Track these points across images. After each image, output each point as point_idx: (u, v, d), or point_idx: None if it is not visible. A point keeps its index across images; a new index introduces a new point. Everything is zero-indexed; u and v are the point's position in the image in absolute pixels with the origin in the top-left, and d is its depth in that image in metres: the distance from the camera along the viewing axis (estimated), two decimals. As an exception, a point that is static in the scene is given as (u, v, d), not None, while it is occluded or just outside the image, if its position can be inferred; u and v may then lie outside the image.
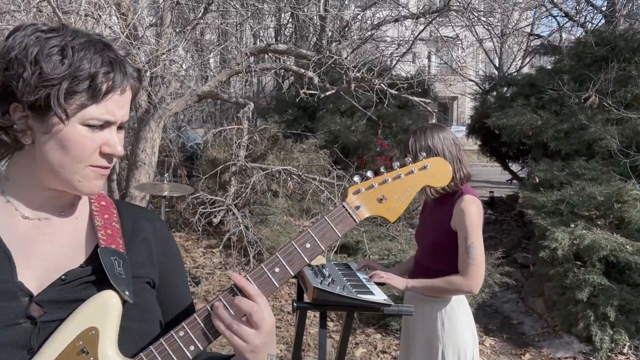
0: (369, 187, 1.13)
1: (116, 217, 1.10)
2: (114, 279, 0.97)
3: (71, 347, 0.92)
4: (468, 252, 2.43)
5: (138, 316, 1.02)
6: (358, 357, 4.04)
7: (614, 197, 5.49)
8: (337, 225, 1.07)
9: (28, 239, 1.01)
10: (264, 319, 0.98)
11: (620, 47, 7.41)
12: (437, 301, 2.57)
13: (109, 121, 0.98)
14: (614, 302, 4.70)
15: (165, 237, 1.17)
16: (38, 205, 1.03)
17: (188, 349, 0.98)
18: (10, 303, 0.93)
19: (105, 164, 1.01)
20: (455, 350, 2.54)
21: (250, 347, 0.97)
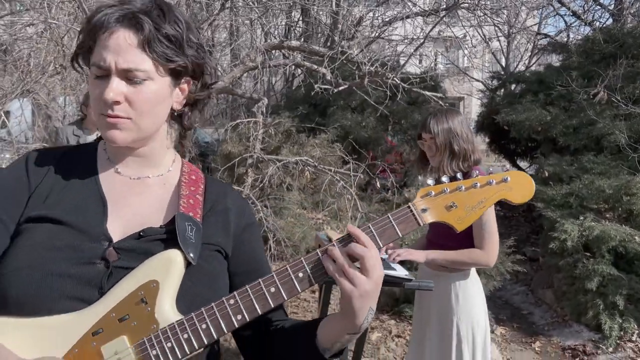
0: (439, 192, 1.09)
1: (202, 191, 1.19)
2: (182, 241, 1.05)
3: (133, 296, 1.01)
4: (484, 229, 2.54)
5: (204, 280, 1.08)
6: (374, 340, 4.16)
7: (623, 190, 5.58)
8: (399, 224, 1.06)
9: (122, 193, 1.13)
10: (375, 267, 0.99)
11: (628, 44, 7.50)
12: (451, 276, 2.68)
13: (100, 66, 1.03)
14: (623, 291, 4.80)
15: (242, 209, 1.23)
16: (127, 164, 1.15)
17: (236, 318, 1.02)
18: (92, 244, 1.05)
19: (107, 112, 1.05)
20: (469, 323, 2.66)
21: (359, 291, 0.98)
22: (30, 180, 1.10)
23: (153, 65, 1.05)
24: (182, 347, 0.99)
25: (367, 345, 4.09)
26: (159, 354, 0.99)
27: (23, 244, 1.04)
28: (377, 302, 1.05)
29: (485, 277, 4.78)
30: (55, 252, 1.02)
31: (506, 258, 5.02)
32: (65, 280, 1.01)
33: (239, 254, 1.18)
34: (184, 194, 1.15)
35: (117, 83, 1.03)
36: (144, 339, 1.00)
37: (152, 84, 1.06)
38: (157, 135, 1.15)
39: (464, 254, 2.60)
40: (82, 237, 1.05)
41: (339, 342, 1.06)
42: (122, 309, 1.00)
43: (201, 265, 1.07)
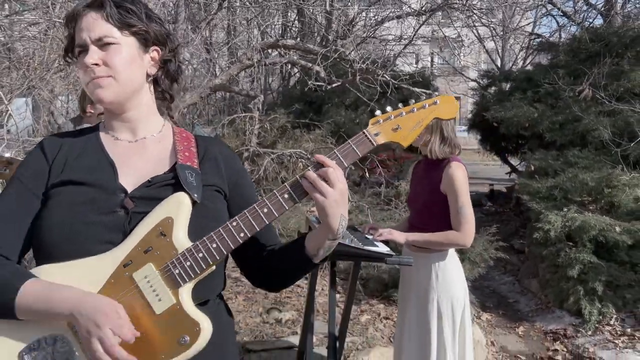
0: (386, 118, 1.34)
1: (194, 145, 1.44)
2: (186, 185, 1.30)
3: (154, 230, 1.25)
4: (460, 212, 2.76)
5: (209, 216, 1.32)
6: (363, 321, 4.38)
7: (604, 183, 5.82)
8: (357, 146, 1.31)
9: (125, 155, 1.38)
10: (338, 179, 1.24)
11: (613, 43, 7.74)
12: (431, 256, 2.89)
13: (79, 44, 1.31)
14: (602, 278, 5.02)
15: (230, 157, 1.48)
16: (119, 131, 1.41)
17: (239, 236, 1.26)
18: (111, 196, 1.30)
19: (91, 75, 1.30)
20: (449, 299, 2.87)
21: (329, 200, 1.23)
22: (47, 157, 1.34)
23: (117, 31, 1.31)
24: (199, 263, 1.24)
25: (357, 325, 4.32)
26: (181, 271, 1.23)
27: (53, 205, 1.28)
28: (367, 288, 1.30)
29: (470, 263, 5.01)
30: (81, 207, 1.27)
31: (490, 245, 5.25)
32: (93, 227, 1.25)
33: (235, 197, 1.42)
34: (179, 149, 1.40)
35: (93, 51, 1.30)
36: (167, 262, 1.24)
37: (120, 47, 1.32)
38: (139, 100, 1.39)
39: (442, 236, 2.82)
40: (100, 192, 1.29)
41: (322, 249, 1.32)
42: (146, 243, 1.24)
43: (205, 204, 1.31)
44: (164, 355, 1.20)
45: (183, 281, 1.23)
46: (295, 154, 5.52)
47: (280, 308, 4.52)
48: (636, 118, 6.52)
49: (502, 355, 4.64)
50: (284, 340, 4.03)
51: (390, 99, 6.98)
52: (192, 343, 1.21)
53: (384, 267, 4.88)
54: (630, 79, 7.06)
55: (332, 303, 3.03)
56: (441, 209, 2.82)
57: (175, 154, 1.39)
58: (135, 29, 1.34)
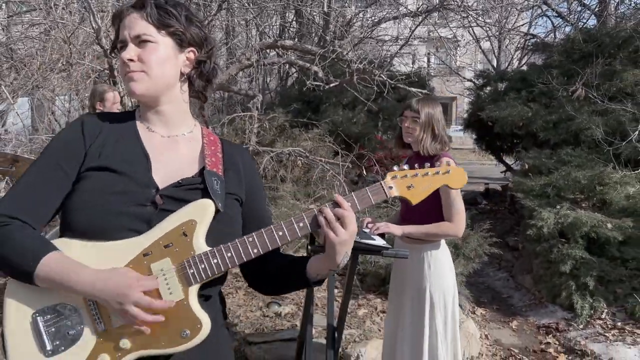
0: (403, 175, 1.47)
1: (220, 150, 1.54)
2: (213, 193, 1.40)
3: (177, 229, 1.36)
4: (452, 205, 2.88)
5: (226, 222, 1.42)
6: (360, 315, 4.50)
7: (596, 181, 5.95)
8: (373, 195, 1.43)
9: (159, 149, 1.47)
10: (351, 222, 1.36)
11: (605, 44, 7.86)
12: (424, 248, 3.01)
13: (123, 40, 1.42)
14: (594, 273, 5.15)
15: (251, 167, 1.59)
16: (155, 125, 1.49)
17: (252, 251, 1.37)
18: (143, 189, 1.39)
19: (126, 70, 1.41)
20: (441, 289, 2.99)
21: (339, 240, 1.34)
22: (86, 139, 1.43)
23: (155, 30, 1.41)
24: (212, 268, 1.35)
25: (354, 319, 4.43)
26: (195, 272, 1.34)
27: (87, 188, 1.37)
28: (365, 283, 1.41)
29: (465, 259, 5.12)
30: (114, 196, 1.36)
31: (484, 241, 5.36)
32: (122, 217, 1.35)
33: (248, 203, 1.53)
34: (207, 153, 1.49)
35: (130, 47, 1.41)
36: (184, 261, 1.34)
37: (156, 45, 1.42)
38: (172, 96, 1.48)
39: (436, 227, 2.94)
40: (134, 184, 1.38)
41: (321, 275, 1.46)
42: (168, 239, 1.35)
43: (225, 211, 1.42)
44: (164, 342, 1.32)
45: (195, 281, 1.34)
46: (294, 152, 5.63)
47: (279, 302, 4.63)
48: (628, 117, 6.63)
49: (496, 348, 4.75)
50: (283, 332, 4.15)
51: (387, 98, 7.12)
52: (192, 337, 1.32)
53: (381, 262, 4.99)
54: (622, 79, 7.17)
55: (330, 295, 3.14)
56: (431, 202, 2.92)
57: (204, 157, 1.48)
58: (173, 29, 1.43)
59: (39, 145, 6.24)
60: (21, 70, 6.00)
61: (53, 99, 6.54)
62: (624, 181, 5.90)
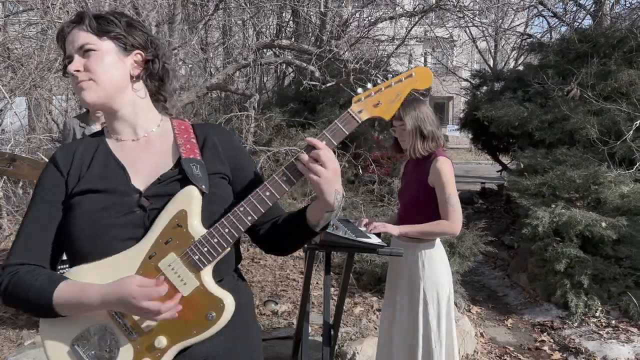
0: (367, 95, 1.43)
1: (193, 135, 1.56)
2: (193, 178, 1.42)
3: (171, 223, 1.39)
4: (448, 202, 2.91)
5: (218, 202, 1.45)
6: (357, 313, 4.53)
7: (591, 180, 5.98)
8: (344, 125, 1.41)
9: (132, 155, 1.50)
10: (329, 159, 1.35)
11: (600, 44, 7.91)
12: (419, 246, 3.03)
13: (67, 57, 1.46)
14: (588, 271, 5.19)
15: (230, 139, 1.60)
16: (120, 132, 1.53)
17: (247, 219, 1.39)
18: (126, 198, 1.42)
19: (75, 82, 1.45)
20: (435, 287, 3.02)
21: (323, 179, 1.33)
22: (62, 170, 1.48)
23: (96, 38, 1.45)
24: (215, 248, 1.37)
25: (350, 317, 4.46)
26: (200, 257, 1.37)
27: (76, 213, 1.42)
28: (361, 281, 1.41)
29: (460, 257, 5.16)
30: (102, 212, 1.40)
31: (479, 240, 5.40)
32: (115, 228, 1.39)
33: (237, 177, 1.55)
34: (180, 142, 1.52)
35: (76, 59, 1.44)
36: (186, 249, 1.37)
37: (100, 52, 1.45)
38: (126, 99, 1.51)
39: (433, 226, 2.96)
40: (117, 196, 1.42)
41: (322, 219, 1.45)
42: (166, 235, 1.38)
43: (213, 192, 1.45)
44: (195, 331, 1.36)
45: (203, 265, 1.37)
46: (290, 151, 5.65)
47: (276, 300, 4.66)
48: (622, 117, 6.69)
49: (491, 346, 4.78)
50: (280, 330, 4.18)
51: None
52: (218, 317, 1.36)
53: (377, 261, 5.02)
54: (617, 79, 7.22)
55: (327, 292, 3.17)
56: (428, 201, 2.97)
57: (177, 147, 1.50)
58: (114, 34, 1.46)
59: (36, 145, 6.26)
60: (18, 70, 6.01)
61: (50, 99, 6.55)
62: (618, 180, 5.95)
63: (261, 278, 5.38)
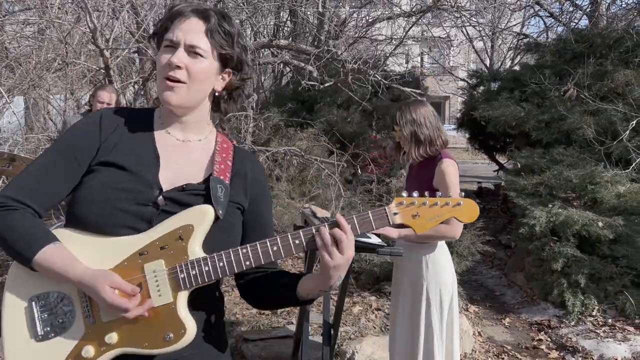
0: (409, 203, 1.40)
1: (231, 157, 1.52)
2: (214, 200, 1.39)
3: (174, 232, 1.36)
4: (450, 205, 2.92)
5: (225, 229, 1.42)
6: (355, 312, 4.55)
7: (588, 180, 6.01)
8: (375, 220, 1.37)
9: (171, 151, 1.47)
10: (348, 248, 1.31)
11: (597, 44, 7.95)
12: (422, 247, 3.05)
13: (173, 41, 1.39)
14: (585, 271, 5.22)
15: (260, 176, 1.57)
16: (173, 124, 1.50)
17: (245, 263, 1.35)
18: (148, 190, 1.40)
19: (171, 75, 1.39)
20: (437, 287, 3.04)
21: (334, 263, 1.30)
22: (102, 133, 1.43)
23: (210, 47, 1.42)
24: (203, 276, 1.35)
25: (349, 316, 4.49)
26: (185, 277, 1.35)
27: (95, 182, 1.39)
28: (359, 281, 1.39)
29: (458, 257, 5.19)
30: (119, 192, 1.38)
31: (477, 239, 5.43)
32: (124, 214, 1.37)
33: (252, 211, 1.53)
34: (217, 160, 1.49)
35: (182, 53, 1.40)
36: (176, 265, 1.35)
37: (206, 61, 1.42)
38: (200, 109, 1.50)
39: (432, 230, 2.97)
40: (140, 183, 1.39)
41: (312, 295, 1.43)
42: (164, 240, 1.36)
43: (225, 219, 1.42)
44: (147, 343, 1.34)
45: (184, 286, 1.35)
46: (289, 151, 5.67)
47: (275, 300, 4.68)
48: (619, 117, 6.72)
49: (489, 345, 4.81)
50: (279, 329, 4.20)
51: (381, 98, 7.18)
52: (174, 342, 1.33)
53: (375, 260, 5.05)
54: (613, 79, 7.25)
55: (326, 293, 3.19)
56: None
57: (212, 164, 1.48)
58: (224, 52, 1.44)
59: (35, 145, 6.25)
60: (16, 70, 6.02)
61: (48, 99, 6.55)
62: (614, 180, 5.98)
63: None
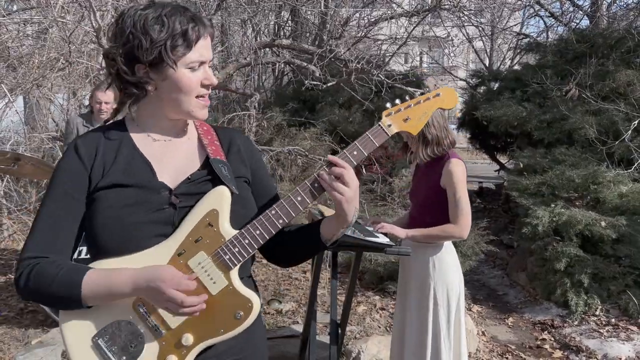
0: (397, 110, 1.49)
1: (216, 137, 1.57)
2: (224, 179, 1.43)
3: (202, 222, 1.39)
4: (457, 205, 2.93)
5: (242, 203, 1.46)
6: (360, 312, 4.56)
7: (590, 180, 6.03)
8: (375, 138, 1.45)
9: (160, 154, 1.49)
10: (351, 179, 1.38)
11: (598, 44, 7.96)
12: (429, 247, 3.06)
13: (202, 61, 1.42)
14: (588, 270, 5.23)
15: (250, 146, 1.63)
16: (163, 130, 1.51)
17: (278, 222, 1.41)
18: (156, 195, 1.41)
19: (205, 93, 1.44)
20: (444, 287, 3.04)
21: (345, 198, 1.37)
22: (85, 161, 1.43)
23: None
24: (246, 249, 1.40)
25: (354, 315, 4.49)
26: (231, 257, 1.39)
27: (102, 207, 1.39)
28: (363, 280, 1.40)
29: (462, 256, 5.19)
30: (131, 208, 1.38)
31: (481, 239, 5.43)
32: (144, 226, 1.38)
33: (255, 181, 1.57)
34: (206, 143, 1.52)
35: (210, 71, 1.45)
36: (218, 249, 1.38)
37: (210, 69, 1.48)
38: None
39: (439, 229, 2.98)
40: (146, 192, 1.40)
41: (335, 235, 1.47)
42: (196, 233, 1.39)
43: (240, 194, 1.46)
44: (223, 329, 1.38)
45: (233, 265, 1.39)
46: (293, 151, 5.68)
47: (280, 299, 4.68)
48: (621, 117, 6.73)
49: (493, 344, 4.82)
50: (285, 329, 4.20)
51: (384, 98, 7.17)
52: (246, 317, 1.38)
53: (379, 260, 5.05)
54: (615, 79, 7.27)
55: (333, 291, 3.20)
56: (440, 202, 2.99)
57: (204, 147, 1.51)
58: None
59: (37, 144, 6.26)
60: (19, 69, 6.01)
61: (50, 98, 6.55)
62: (617, 180, 5.99)
63: (264, 277, 5.40)
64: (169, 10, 1.40)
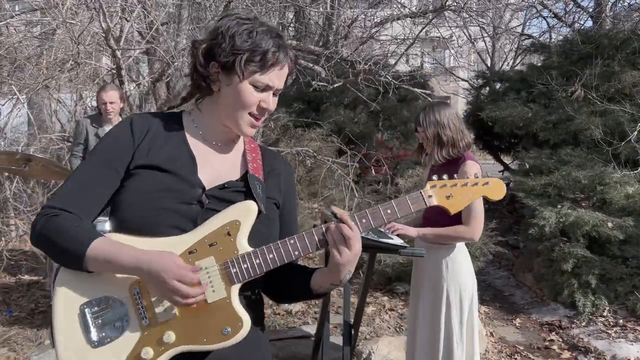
0: (442, 185, 1.50)
1: (260, 157, 1.60)
2: (256, 195, 1.45)
3: (221, 229, 1.40)
4: (471, 207, 2.94)
5: (266, 224, 1.48)
6: (369, 313, 4.57)
7: (597, 180, 6.04)
8: (412, 204, 1.46)
9: (205, 153, 1.52)
10: (355, 244, 1.38)
11: (604, 45, 7.96)
12: (442, 248, 3.08)
13: (269, 86, 1.46)
14: (595, 271, 5.25)
15: (290, 177, 1.67)
16: (215, 134, 1.54)
17: (294, 253, 1.42)
18: (190, 189, 1.44)
19: (259, 116, 1.49)
20: (457, 288, 3.06)
21: (343, 260, 1.38)
22: (135, 137, 1.47)
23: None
24: (255, 269, 1.39)
25: (363, 316, 4.49)
26: (237, 271, 1.39)
27: (136, 185, 1.42)
28: (372, 280, 1.42)
29: (470, 257, 5.20)
30: (162, 193, 1.41)
31: (489, 240, 5.45)
32: (169, 213, 1.41)
33: (283, 208, 1.59)
34: (249, 159, 1.56)
35: (273, 99, 1.50)
36: (227, 260, 1.39)
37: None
38: None
39: (451, 230, 3.00)
40: (181, 183, 1.44)
41: (323, 288, 1.49)
42: (212, 238, 1.40)
43: (267, 215, 1.48)
44: (205, 339, 1.37)
45: (237, 280, 1.39)
46: (301, 151, 5.69)
47: (289, 300, 4.69)
48: (626, 118, 6.74)
49: (502, 345, 4.84)
50: (295, 329, 4.21)
51: (390, 98, 7.19)
52: (232, 335, 1.37)
53: (387, 261, 5.07)
54: (620, 80, 7.27)
55: (347, 292, 3.21)
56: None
57: (246, 162, 1.55)
58: None
59: (45, 144, 6.27)
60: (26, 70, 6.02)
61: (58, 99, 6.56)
62: (623, 181, 6.01)
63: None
64: (263, 29, 1.46)
